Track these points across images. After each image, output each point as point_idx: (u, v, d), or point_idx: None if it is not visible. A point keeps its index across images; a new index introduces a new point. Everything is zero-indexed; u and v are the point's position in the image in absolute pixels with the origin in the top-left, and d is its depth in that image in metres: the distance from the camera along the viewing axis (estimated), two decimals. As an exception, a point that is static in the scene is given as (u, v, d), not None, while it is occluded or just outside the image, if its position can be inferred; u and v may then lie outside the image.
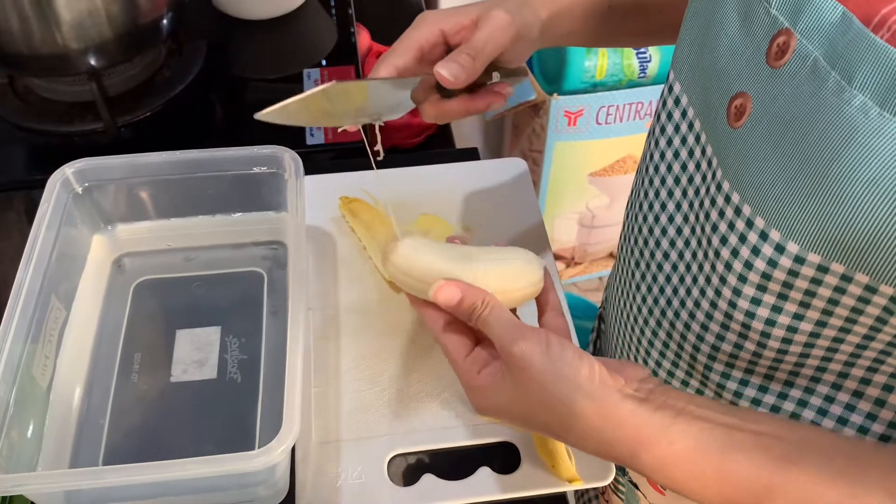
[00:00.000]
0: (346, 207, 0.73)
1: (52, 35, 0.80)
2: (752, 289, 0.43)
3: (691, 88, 0.48)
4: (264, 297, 0.68)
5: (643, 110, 1.44)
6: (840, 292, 0.39)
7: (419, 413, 0.61)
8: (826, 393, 0.47)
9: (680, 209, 0.50)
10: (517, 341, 0.42)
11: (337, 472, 0.57)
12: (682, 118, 0.49)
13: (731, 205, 0.42)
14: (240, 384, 0.62)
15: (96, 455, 0.59)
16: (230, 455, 0.48)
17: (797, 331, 0.43)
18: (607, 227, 1.64)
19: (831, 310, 0.41)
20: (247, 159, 0.66)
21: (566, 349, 0.42)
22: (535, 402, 0.42)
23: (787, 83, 0.38)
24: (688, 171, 0.49)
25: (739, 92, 0.42)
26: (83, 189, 0.66)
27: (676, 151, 0.50)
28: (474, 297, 0.45)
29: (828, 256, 0.38)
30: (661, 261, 0.52)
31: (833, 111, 0.36)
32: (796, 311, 0.42)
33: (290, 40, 0.99)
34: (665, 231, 0.51)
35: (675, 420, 0.40)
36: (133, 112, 0.87)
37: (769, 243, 0.40)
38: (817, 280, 0.40)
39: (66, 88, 0.87)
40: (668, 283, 0.52)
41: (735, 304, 0.44)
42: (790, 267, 0.40)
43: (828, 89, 0.36)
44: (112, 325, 0.66)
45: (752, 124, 0.41)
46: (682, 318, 0.50)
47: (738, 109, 0.41)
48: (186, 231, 0.71)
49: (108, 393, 0.62)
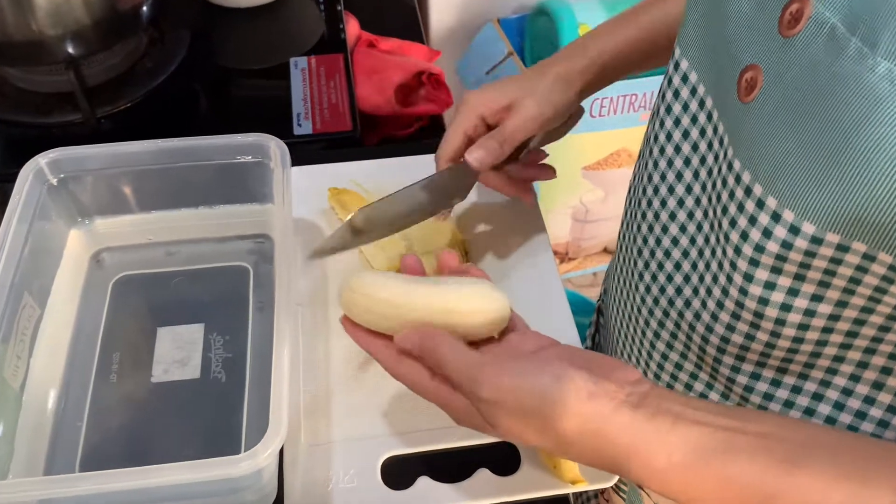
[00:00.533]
0: (336, 199, 0.71)
1: (27, 21, 0.76)
2: (766, 272, 0.41)
3: (700, 64, 0.46)
4: (250, 292, 0.65)
5: (637, 102, 1.42)
6: (862, 272, 0.37)
7: (414, 413, 0.58)
8: (844, 385, 0.44)
9: (691, 192, 0.48)
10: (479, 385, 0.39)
11: (328, 475, 0.55)
12: (692, 96, 0.47)
13: (742, 184, 0.40)
14: (224, 384, 0.60)
15: (73, 460, 0.56)
16: (214, 460, 0.46)
17: (815, 314, 0.41)
18: (601, 222, 1.62)
19: (853, 289, 0.39)
20: (230, 148, 0.63)
21: (544, 371, 0.39)
22: (519, 426, 0.40)
23: (802, 53, 0.36)
24: (699, 150, 0.46)
25: (750, 65, 0.40)
26: (58, 181, 0.63)
27: (686, 131, 0.47)
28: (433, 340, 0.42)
29: (848, 235, 0.36)
30: (668, 247, 0.50)
31: (854, 80, 0.34)
32: (815, 293, 0.40)
33: (277, 29, 0.96)
34: (674, 216, 0.49)
35: (673, 427, 0.37)
36: (113, 103, 0.84)
37: (782, 224, 0.38)
38: (837, 260, 0.38)
39: (43, 78, 0.84)
40: (678, 271, 0.50)
41: (746, 290, 0.42)
42: (806, 248, 0.38)
43: (848, 57, 0.34)
44: (90, 323, 0.63)
45: (763, 98, 0.39)
46: (693, 308, 0.48)
47: (749, 83, 0.40)
48: (168, 224, 0.68)
49: (85, 394, 0.59)
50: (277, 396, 0.48)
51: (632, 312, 0.56)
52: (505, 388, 0.39)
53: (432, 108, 0.87)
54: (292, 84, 0.87)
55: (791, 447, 0.36)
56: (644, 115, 1.44)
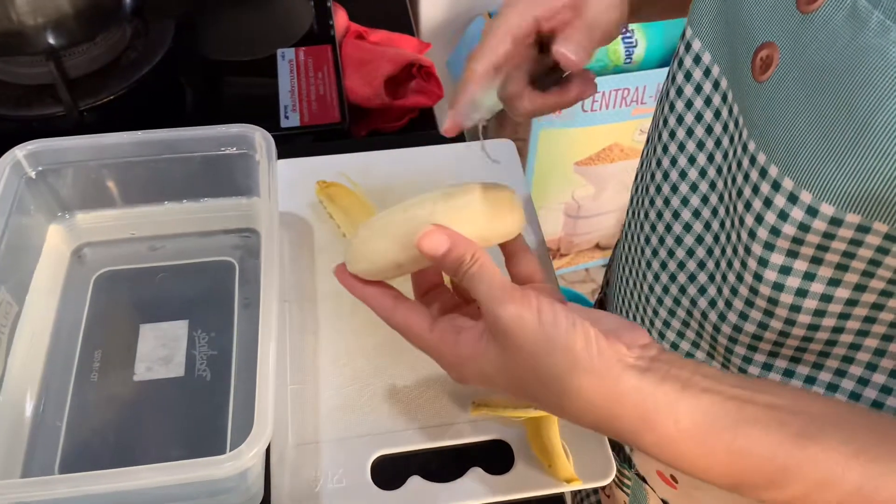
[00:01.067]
0: (324, 192, 0.69)
1: (6, 11, 0.75)
2: (781, 256, 0.39)
3: (714, 44, 0.44)
4: (235, 288, 0.64)
5: (629, 97, 1.40)
6: (883, 253, 0.36)
7: (404, 411, 0.56)
8: (860, 375, 0.43)
9: (705, 176, 0.46)
10: (506, 304, 0.37)
11: (316, 475, 0.53)
12: (706, 77, 0.45)
13: (757, 166, 0.39)
14: (209, 382, 0.58)
15: (52, 462, 0.54)
16: (197, 461, 0.44)
17: (832, 300, 0.40)
18: (594, 218, 1.61)
19: (873, 271, 0.37)
20: (214, 139, 0.62)
21: (558, 315, 0.37)
22: (526, 373, 0.38)
23: (821, 29, 0.35)
24: (714, 133, 0.45)
25: (766, 42, 0.38)
26: (37, 173, 0.61)
27: (699, 114, 0.46)
28: (463, 248, 0.39)
29: (869, 215, 0.35)
30: (680, 233, 0.49)
31: (877, 55, 0.32)
32: (832, 277, 0.39)
33: (264, 20, 0.95)
34: (686, 200, 0.48)
35: (681, 394, 0.35)
36: (96, 95, 0.82)
37: (799, 206, 0.37)
38: (857, 241, 0.36)
39: (24, 70, 0.82)
40: (691, 257, 0.48)
41: (761, 276, 0.41)
42: (825, 230, 0.37)
43: (870, 31, 0.33)
44: (70, 320, 0.61)
45: (780, 76, 0.37)
46: (709, 295, 0.47)
47: (765, 61, 0.38)
48: (151, 218, 0.66)
49: (65, 394, 0.57)
50: (263, 395, 0.46)
51: (639, 302, 0.55)
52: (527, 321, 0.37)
53: (423, 100, 0.86)
54: (280, 76, 0.85)
55: (806, 420, 0.35)
56: (636, 111, 1.43)
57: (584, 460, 0.53)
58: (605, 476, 0.53)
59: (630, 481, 0.62)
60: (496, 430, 0.55)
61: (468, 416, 0.56)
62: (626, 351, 0.37)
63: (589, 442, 0.54)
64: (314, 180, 0.70)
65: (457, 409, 0.57)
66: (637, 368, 0.36)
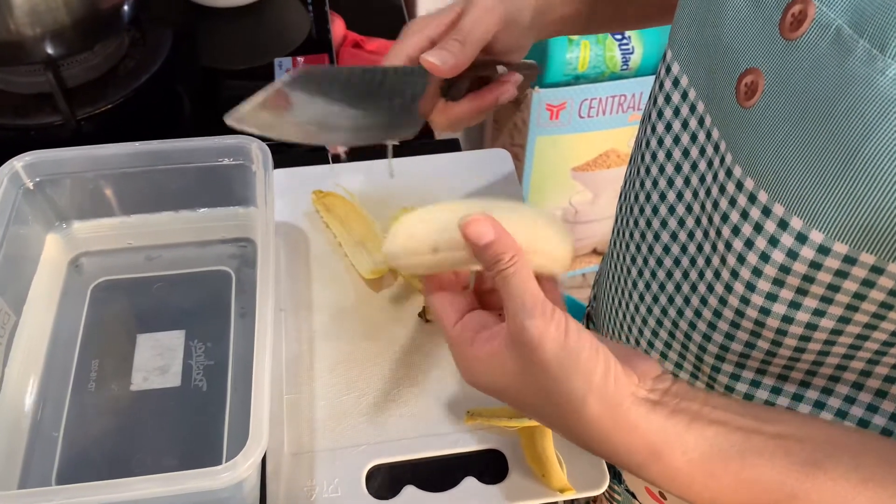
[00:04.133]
0: (320, 202, 0.70)
1: (5, 21, 0.75)
2: (768, 283, 0.39)
3: (692, 68, 0.44)
4: (232, 298, 0.64)
5: (626, 103, 1.41)
6: (868, 286, 0.36)
7: (399, 420, 0.57)
8: (846, 393, 0.43)
9: (682, 199, 0.46)
10: (535, 316, 0.36)
11: (311, 485, 0.53)
12: (683, 100, 0.45)
13: (745, 191, 0.39)
14: (206, 392, 0.58)
15: (49, 472, 0.54)
16: (192, 472, 0.44)
17: (817, 328, 0.40)
18: (591, 223, 1.61)
19: (857, 305, 0.38)
20: (211, 150, 0.62)
21: (583, 339, 0.36)
22: (539, 390, 0.37)
23: (806, 56, 0.35)
24: (690, 157, 0.45)
25: (749, 68, 0.38)
26: (35, 184, 0.62)
27: (677, 137, 0.46)
28: (506, 245, 0.37)
29: (856, 246, 0.35)
30: (660, 255, 0.49)
31: (863, 84, 0.32)
32: (817, 307, 0.39)
33: (261, 29, 0.95)
34: (665, 223, 0.48)
35: (690, 426, 0.36)
36: (94, 104, 0.83)
37: (789, 232, 0.37)
38: (843, 273, 0.36)
39: (22, 79, 0.83)
40: (670, 279, 0.48)
41: (748, 300, 0.41)
42: (812, 258, 0.37)
43: (855, 59, 0.33)
44: (67, 330, 0.62)
45: (765, 102, 0.37)
46: (687, 317, 0.47)
47: (749, 87, 0.38)
48: (148, 228, 0.66)
49: (62, 404, 0.57)
50: (258, 406, 0.46)
51: (624, 321, 0.55)
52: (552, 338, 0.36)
53: (419, 109, 0.86)
54: (277, 85, 0.85)
55: (812, 448, 0.35)
56: (633, 116, 1.43)
57: (577, 470, 0.53)
58: (598, 485, 0.54)
59: (620, 496, 0.63)
60: (490, 439, 0.56)
61: (462, 425, 0.56)
62: (639, 382, 0.36)
63: (582, 451, 0.54)
64: (310, 189, 0.70)
65: (451, 418, 0.57)
66: (649, 401, 0.36)
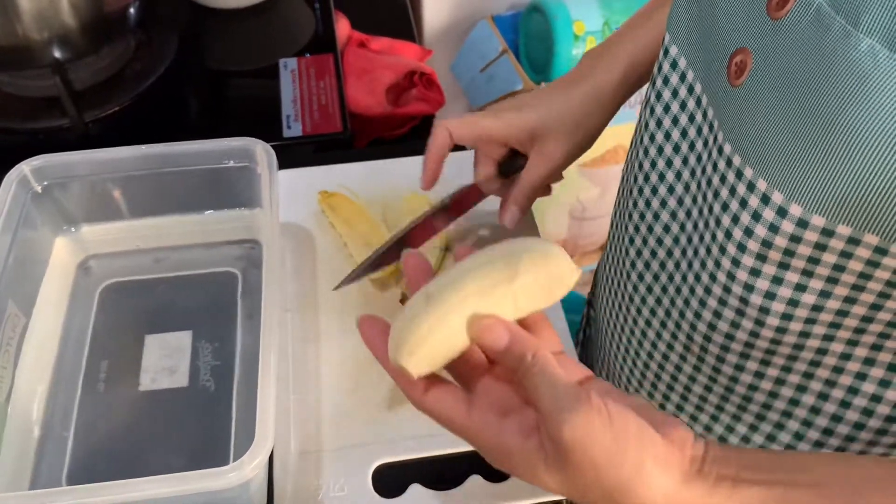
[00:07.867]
0: (326, 202, 0.70)
1: (12, 25, 0.76)
2: (752, 258, 0.40)
3: (689, 50, 0.45)
4: (238, 299, 0.64)
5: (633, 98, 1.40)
6: (846, 257, 0.37)
7: (405, 419, 0.57)
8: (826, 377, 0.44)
9: (680, 178, 0.47)
10: (574, 411, 0.33)
11: (318, 484, 0.54)
12: (681, 82, 0.46)
13: (733, 168, 0.40)
14: (213, 392, 0.59)
15: (59, 473, 0.55)
16: (200, 472, 0.45)
17: (798, 304, 0.41)
18: (599, 219, 1.60)
19: (837, 277, 0.39)
20: (217, 153, 0.62)
21: (629, 422, 0.34)
22: (589, 482, 0.34)
23: (790, 34, 0.36)
24: (688, 137, 0.46)
25: (739, 48, 0.39)
26: (43, 188, 0.62)
27: (675, 118, 0.47)
28: (524, 346, 0.36)
29: (833, 218, 0.36)
30: (660, 234, 0.50)
31: (839, 59, 0.33)
32: (798, 282, 0.40)
33: (266, 30, 0.96)
34: (665, 203, 0.49)
35: (733, 492, 0.35)
36: (101, 107, 0.83)
37: (770, 207, 0.38)
38: (821, 245, 0.37)
39: (30, 83, 0.83)
40: (670, 258, 0.49)
41: (734, 275, 0.42)
42: (792, 232, 0.38)
43: (833, 36, 0.34)
44: (76, 331, 0.62)
45: (753, 81, 0.39)
46: (683, 294, 0.48)
47: (739, 66, 0.39)
48: (156, 231, 0.67)
49: (72, 404, 0.58)
50: (264, 406, 0.47)
51: (622, 301, 0.56)
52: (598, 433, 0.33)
53: (424, 108, 0.86)
54: (282, 85, 0.86)
55: (850, 492, 0.35)
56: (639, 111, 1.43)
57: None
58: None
59: None
60: (496, 437, 0.56)
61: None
62: (679, 456, 0.35)
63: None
64: (317, 190, 0.71)
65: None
66: (691, 474, 0.35)
